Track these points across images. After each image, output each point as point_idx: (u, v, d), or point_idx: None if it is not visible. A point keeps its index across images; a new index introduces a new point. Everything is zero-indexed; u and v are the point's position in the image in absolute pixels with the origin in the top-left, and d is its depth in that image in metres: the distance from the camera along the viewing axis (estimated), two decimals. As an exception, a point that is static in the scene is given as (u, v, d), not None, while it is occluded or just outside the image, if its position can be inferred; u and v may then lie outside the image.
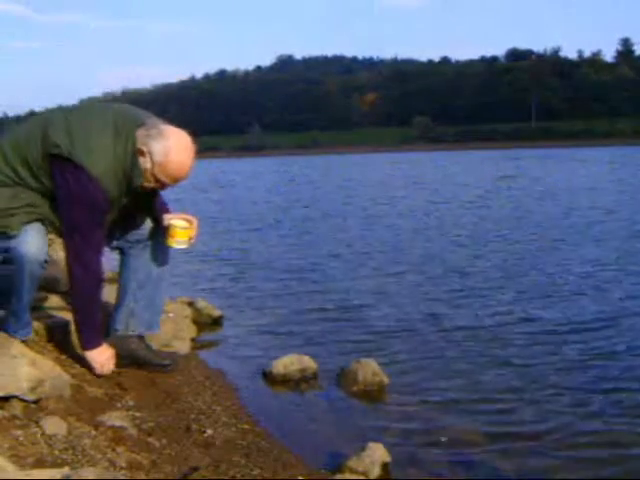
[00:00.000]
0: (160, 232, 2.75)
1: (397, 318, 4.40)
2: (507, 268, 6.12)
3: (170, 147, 2.38)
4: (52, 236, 2.59)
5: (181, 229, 2.68)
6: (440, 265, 6.36)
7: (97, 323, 2.63)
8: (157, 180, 2.45)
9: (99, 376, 2.68)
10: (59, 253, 4.43)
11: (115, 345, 2.77)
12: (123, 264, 2.86)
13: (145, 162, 2.40)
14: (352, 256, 7.04)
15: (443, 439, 2.57)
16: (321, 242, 8.23)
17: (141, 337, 2.91)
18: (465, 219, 10.22)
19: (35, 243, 2.39)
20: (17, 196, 2.39)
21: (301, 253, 7.40)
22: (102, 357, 2.66)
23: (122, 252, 2.85)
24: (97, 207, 2.39)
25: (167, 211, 2.80)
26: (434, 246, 7.62)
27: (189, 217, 2.76)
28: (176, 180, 2.47)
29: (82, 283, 2.49)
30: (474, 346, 3.75)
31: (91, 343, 2.62)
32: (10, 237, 2.37)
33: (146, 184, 2.47)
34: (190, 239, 2.71)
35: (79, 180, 2.33)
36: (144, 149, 2.39)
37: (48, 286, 3.75)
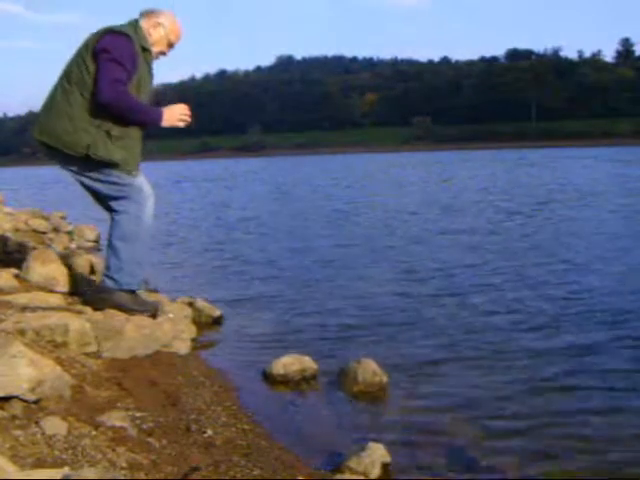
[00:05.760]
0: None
1: (397, 318, 4.40)
2: (507, 267, 6.12)
3: (172, 15, 3.43)
4: (52, 235, 2.62)
5: None
6: (442, 265, 6.36)
7: (147, 107, 3.25)
8: (169, 44, 3.42)
9: (187, 126, 3.30)
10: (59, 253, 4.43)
11: (105, 297, 3.27)
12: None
13: (159, 31, 3.35)
14: (353, 257, 7.05)
15: (444, 439, 2.57)
16: (322, 243, 8.23)
17: (132, 291, 3.38)
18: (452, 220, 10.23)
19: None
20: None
21: (302, 253, 7.40)
22: (173, 114, 3.23)
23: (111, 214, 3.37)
24: (129, 55, 3.15)
25: None
26: (436, 245, 7.63)
27: None
28: (179, 39, 3.46)
29: (124, 95, 3.06)
30: (475, 347, 3.75)
31: (157, 116, 3.20)
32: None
33: (159, 49, 3.40)
34: None
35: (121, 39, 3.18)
36: (158, 21, 3.35)
37: (48, 286, 3.75)
